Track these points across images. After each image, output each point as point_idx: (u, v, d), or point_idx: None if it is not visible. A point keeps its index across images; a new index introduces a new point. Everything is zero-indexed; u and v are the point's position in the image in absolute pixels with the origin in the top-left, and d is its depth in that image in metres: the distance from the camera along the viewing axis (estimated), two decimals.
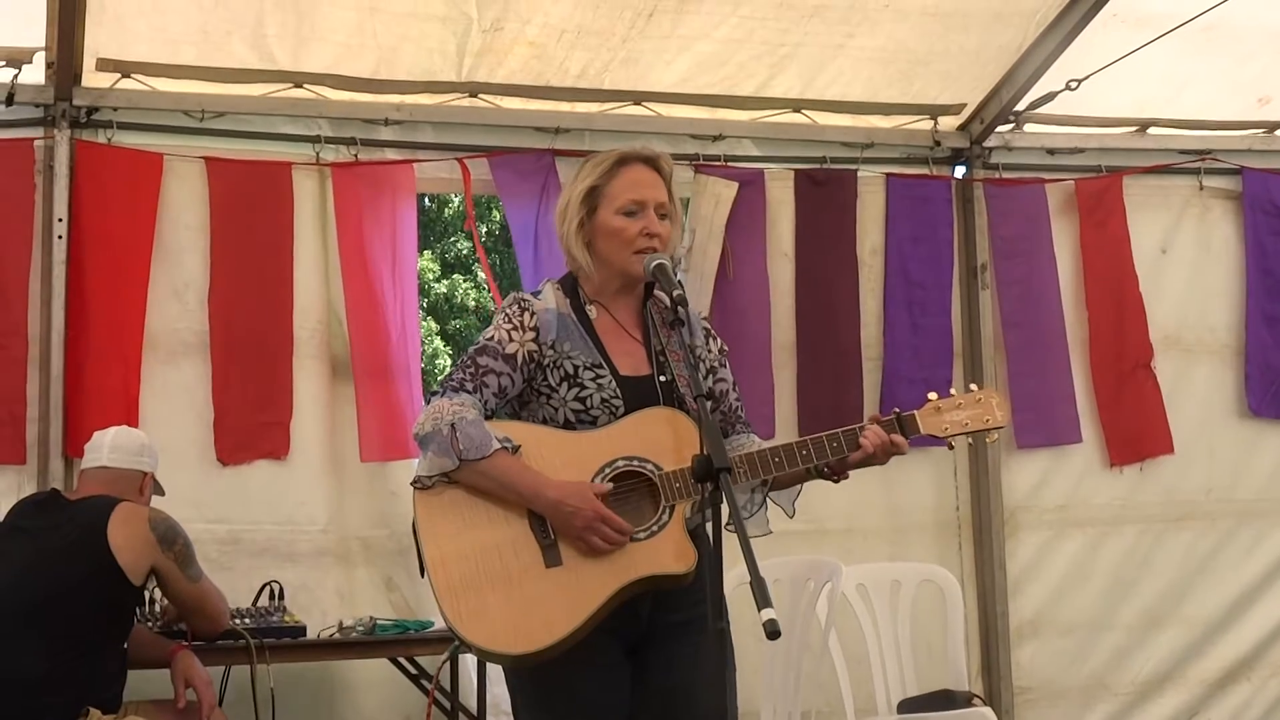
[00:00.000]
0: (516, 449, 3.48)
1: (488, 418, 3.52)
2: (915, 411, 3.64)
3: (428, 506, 3.50)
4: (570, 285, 3.70)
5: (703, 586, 3.45)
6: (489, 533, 3.46)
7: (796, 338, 6.65)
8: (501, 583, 3.43)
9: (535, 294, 3.67)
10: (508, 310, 3.63)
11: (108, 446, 5.09)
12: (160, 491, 5.20)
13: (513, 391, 3.58)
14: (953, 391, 3.69)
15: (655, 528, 3.47)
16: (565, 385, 3.55)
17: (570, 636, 3.40)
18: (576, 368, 3.56)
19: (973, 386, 3.74)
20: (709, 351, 3.75)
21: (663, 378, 3.60)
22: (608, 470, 3.50)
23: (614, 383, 3.56)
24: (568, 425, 3.55)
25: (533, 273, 6.29)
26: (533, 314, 3.60)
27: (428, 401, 3.55)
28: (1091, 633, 6.92)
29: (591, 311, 3.67)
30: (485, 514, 3.48)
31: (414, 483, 3.51)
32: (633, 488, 3.50)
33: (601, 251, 3.65)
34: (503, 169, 6.36)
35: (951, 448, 3.78)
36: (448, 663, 5.70)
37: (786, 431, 6.28)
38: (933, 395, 3.67)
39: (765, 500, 3.68)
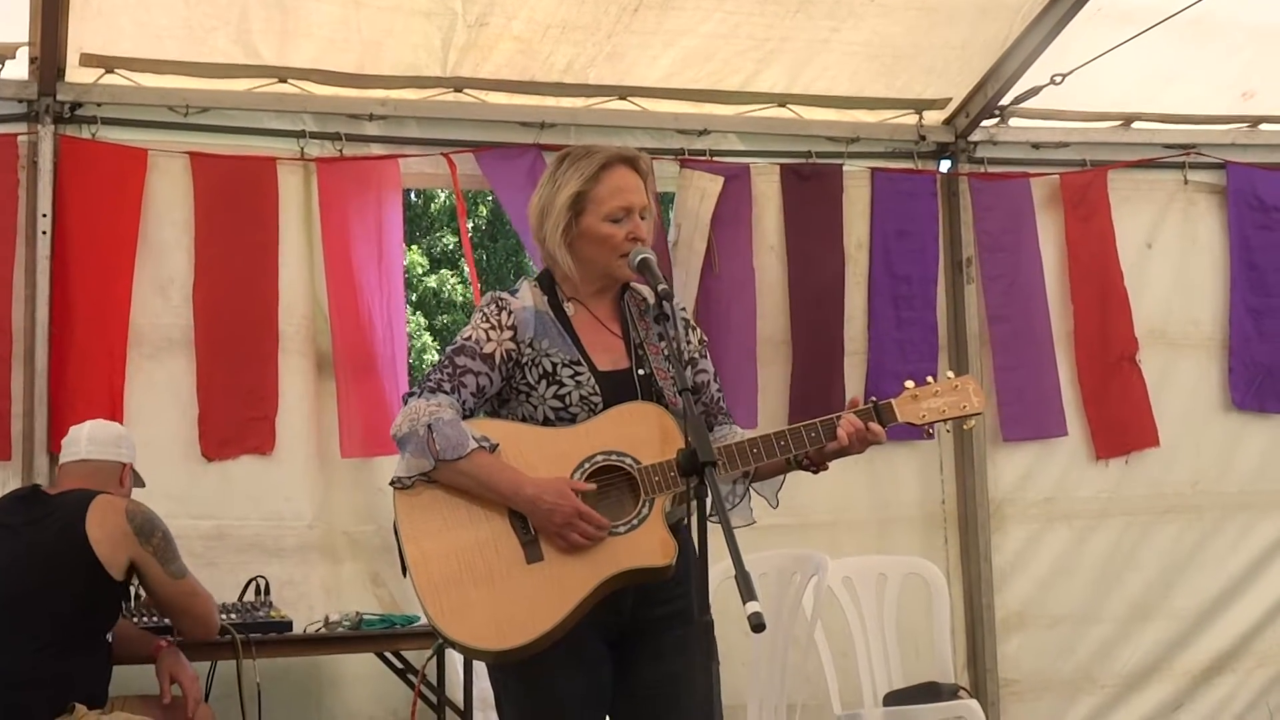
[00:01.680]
0: (494, 447, 3.47)
1: (467, 417, 3.52)
2: (892, 400, 3.64)
3: (408, 506, 3.50)
4: (548, 282, 3.70)
5: (686, 579, 3.47)
6: (470, 531, 3.46)
7: (782, 332, 6.65)
8: (484, 580, 3.43)
9: (513, 292, 3.67)
10: (485, 309, 3.63)
11: (85, 439, 5.08)
12: (141, 483, 5.19)
13: (491, 391, 3.58)
14: (929, 379, 3.68)
15: (635, 521, 3.47)
16: (544, 383, 3.55)
17: (553, 631, 3.40)
18: (555, 365, 3.56)
19: (949, 374, 3.73)
20: (688, 343, 3.75)
21: (641, 371, 3.61)
22: (586, 465, 3.50)
23: (592, 379, 3.56)
24: (547, 423, 3.55)
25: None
26: (510, 313, 3.60)
27: (405, 402, 3.55)
28: (1077, 625, 6.93)
29: (569, 308, 3.67)
30: (466, 512, 3.48)
31: (393, 483, 3.52)
32: (613, 482, 3.51)
33: (585, 255, 3.65)
34: (490, 163, 6.36)
35: (930, 435, 3.78)
36: (434, 658, 5.70)
37: (771, 426, 6.27)
38: (909, 383, 3.67)
39: (748, 491, 3.68)
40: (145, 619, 5.21)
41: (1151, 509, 7.07)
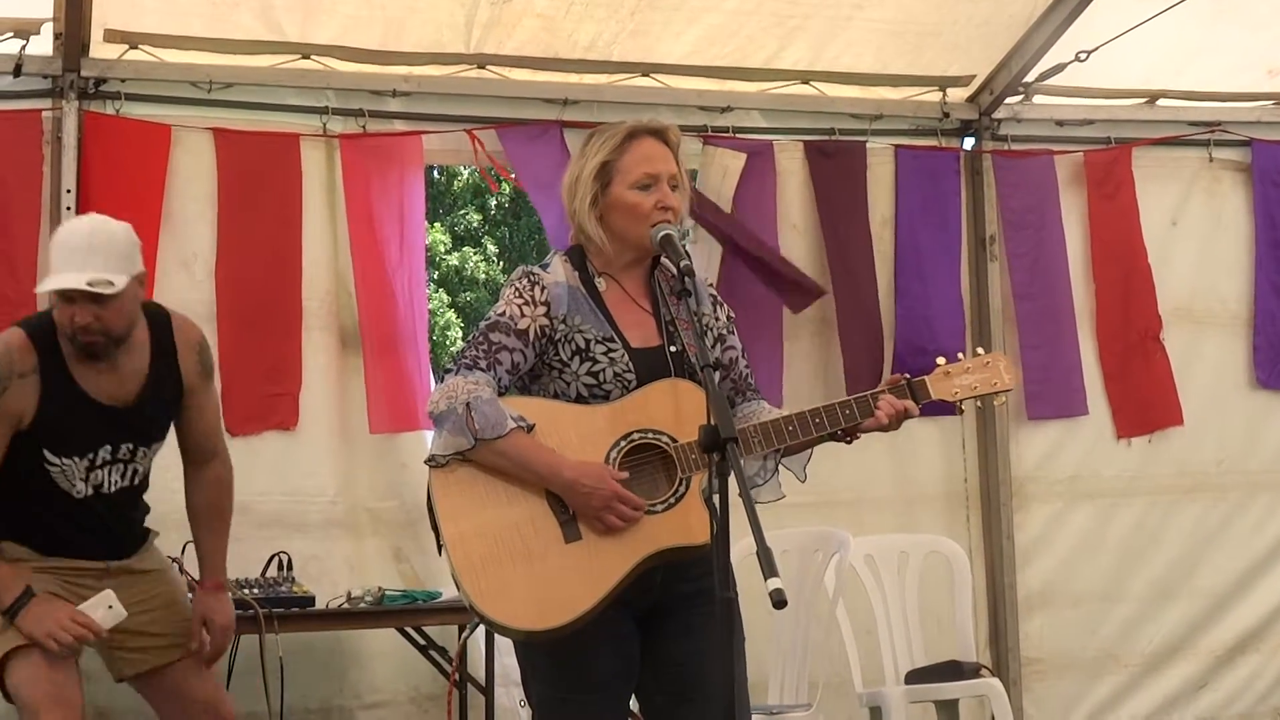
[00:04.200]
0: (531, 427, 3.46)
1: (501, 394, 3.51)
2: (925, 377, 3.66)
3: (444, 484, 3.49)
4: (578, 258, 3.68)
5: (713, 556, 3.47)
6: (507, 510, 3.46)
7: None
8: (522, 559, 3.43)
9: (544, 266, 3.66)
10: (518, 284, 3.61)
11: None
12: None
13: (525, 367, 3.57)
14: (960, 356, 3.72)
15: (673, 500, 3.47)
16: (577, 360, 3.55)
17: (592, 610, 3.40)
18: (588, 341, 3.55)
19: (979, 350, 3.77)
20: (716, 319, 3.75)
21: (673, 348, 3.60)
22: (623, 443, 3.50)
23: (626, 356, 3.55)
24: (580, 399, 3.55)
25: (561, 240, 6.25)
26: (543, 288, 3.59)
27: (441, 379, 3.54)
28: (1101, 604, 6.92)
29: (600, 284, 3.65)
30: (503, 491, 3.47)
31: (428, 461, 3.51)
32: (649, 459, 3.51)
33: (615, 226, 3.64)
34: (513, 140, 6.35)
35: (960, 411, 3.80)
36: (460, 636, 5.70)
37: (796, 402, 6.27)
38: (941, 360, 3.70)
39: (777, 467, 3.68)
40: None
41: (1176, 488, 7.05)
